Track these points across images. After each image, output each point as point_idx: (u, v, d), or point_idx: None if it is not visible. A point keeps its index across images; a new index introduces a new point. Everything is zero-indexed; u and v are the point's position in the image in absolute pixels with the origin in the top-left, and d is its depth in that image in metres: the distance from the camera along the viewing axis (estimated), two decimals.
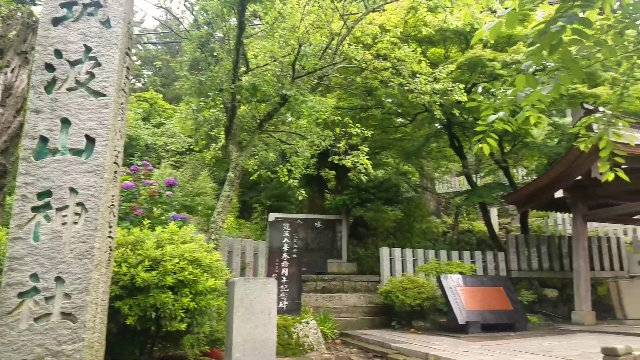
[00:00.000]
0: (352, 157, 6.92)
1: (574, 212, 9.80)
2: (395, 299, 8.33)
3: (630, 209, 9.44)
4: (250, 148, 6.70)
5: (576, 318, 9.30)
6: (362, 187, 12.00)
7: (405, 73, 7.16)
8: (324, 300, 8.95)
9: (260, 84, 6.20)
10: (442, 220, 17.78)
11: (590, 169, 8.78)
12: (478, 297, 8.27)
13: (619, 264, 12.17)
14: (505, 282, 8.93)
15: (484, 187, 12.52)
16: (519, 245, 11.53)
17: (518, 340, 7.09)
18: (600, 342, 6.75)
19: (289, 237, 6.98)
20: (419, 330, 8.21)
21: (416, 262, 10.24)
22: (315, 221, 12.55)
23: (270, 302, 5.30)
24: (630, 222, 11.71)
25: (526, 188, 10.22)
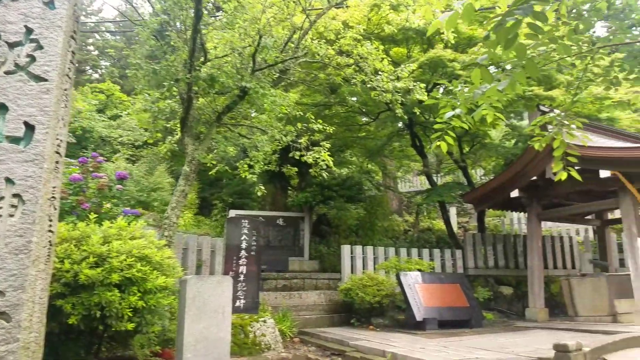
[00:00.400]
0: (313, 153, 6.83)
1: (529, 211, 10.05)
2: (355, 297, 8.30)
3: (581, 209, 9.79)
4: (208, 141, 6.50)
5: (530, 315, 9.54)
6: (325, 184, 11.95)
7: (368, 70, 7.13)
8: (283, 298, 8.83)
9: (219, 75, 6.01)
10: (403, 219, 17.99)
11: (545, 170, 9.02)
12: (436, 294, 8.36)
13: (571, 263, 12.61)
14: (462, 279, 9.07)
15: (443, 186, 12.70)
16: (476, 244, 11.75)
17: (473, 337, 7.19)
18: (553, 338, 6.93)
19: (248, 234, 6.82)
20: (377, 327, 8.22)
21: (377, 259, 10.27)
22: (277, 218, 12.40)
23: (225, 301, 5.14)
24: (582, 222, 12.16)
25: (483, 187, 10.42)
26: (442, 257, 11.26)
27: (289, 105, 6.83)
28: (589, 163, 8.28)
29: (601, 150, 8.07)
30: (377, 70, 7.34)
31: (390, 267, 9.23)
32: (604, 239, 11.36)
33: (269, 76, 6.62)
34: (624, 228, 8.36)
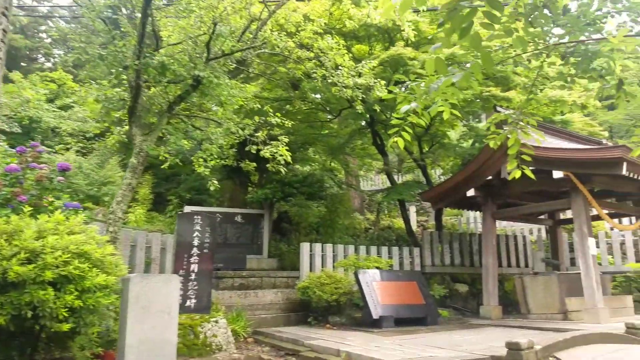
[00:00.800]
0: (271, 147, 6.63)
1: (484, 210, 10.21)
2: (312, 295, 8.17)
3: (535, 209, 10.03)
4: (157, 132, 6.19)
5: (484, 312, 9.69)
6: (285, 181, 11.77)
7: (329, 65, 7.00)
8: (238, 297, 8.59)
9: (170, 63, 5.73)
10: (365, 217, 18.05)
11: (500, 170, 9.18)
12: (393, 292, 8.34)
13: (524, 261, 12.95)
14: (418, 277, 9.10)
15: (403, 185, 12.77)
16: (433, 242, 11.87)
17: (429, 335, 7.20)
18: (506, 336, 7.00)
19: (201, 231, 6.56)
20: (334, 326, 8.12)
21: (336, 257, 10.18)
22: (235, 215, 12.11)
23: (172, 301, 4.88)
24: (535, 222, 12.49)
25: (441, 186, 10.51)
26: (400, 255, 11.30)
27: (247, 98, 6.60)
28: (542, 163, 8.46)
29: (554, 151, 8.27)
30: (338, 66, 7.23)
31: (349, 265, 9.15)
32: (556, 239, 11.71)
33: (225, 66, 6.37)
34: (575, 228, 8.60)
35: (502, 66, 9.79)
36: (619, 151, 7.40)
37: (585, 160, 7.92)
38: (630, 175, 7.65)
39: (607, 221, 8.82)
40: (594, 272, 8.10)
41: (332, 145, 12.61)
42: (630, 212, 10.05)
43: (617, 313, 8.61)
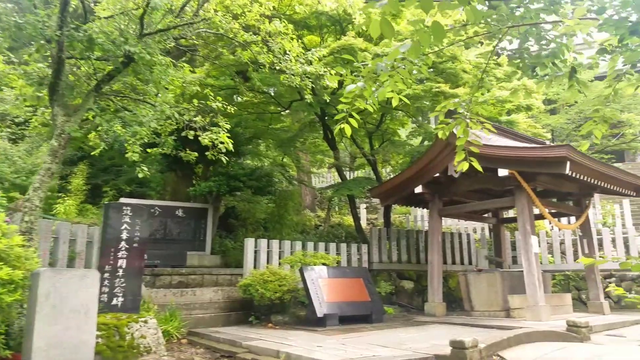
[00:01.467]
0: (210, 133, 6.16)
1: (431, 207, 10.18)
2: (254, 293, 7.78)
3: (480, 206, 10.09)
4: (82, 113, 5.58)
5: (428, 309, 9.65)
6: (232, 174, 11.27)
7: (275, 48, 6.62)
8: (174, 295, 8.06)
9: (98, 36, 5.16)
10: (315, 214, 17.82)
11: (448, 167, 9.14)
12: (338, 289, 8.09)
13: (468, 259, 13.10)
14: (365, 273, 8.91)
15: (353, 180, 12.60)
16: (381, 239, 11.76)
17: (373, 333, 6.99)
18: (450, 333, 6.92)
19: (130, 224, 6.00)
20: (277, 325, 7.76)
21: (283, 253, 9.82)
22: (176, 209, 11.46)
23: (90, 299, 4.37)
24: (480, 220, 12.65)
25: (390, 182, 10.38)
26: (348, 252, 11.11)
27: (185, 80, 6.10)
28: (488, 161, 8.48)
29: (500, 149, 8.29)
30: (286, 52, 6.86)
31: (295, 262, 8.82)
32: (499, 237, 11.90)
33: (161, 44, 5.86)
34: (519, 226, 8.68)
35: (452, 63, 9.81)
36: (563, 150, 7.49)
37: (531, 158, 7.98)
38: (573, 174, 7.78)
39: (550, 220, 8.98)
40: (536, 270, 8.19)
41: (282, 139, 12.22)
42: (570, 212, 10.34)
43: (557, 311, 8.78)
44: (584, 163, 7.83)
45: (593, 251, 9.90)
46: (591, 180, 8.27)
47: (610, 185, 8.84)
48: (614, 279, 11.13)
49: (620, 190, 9.21)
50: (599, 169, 8.22)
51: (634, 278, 10.94)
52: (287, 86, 7.57)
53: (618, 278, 11.10)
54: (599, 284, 9.68)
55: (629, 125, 19.42)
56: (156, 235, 11.04)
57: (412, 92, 8.88)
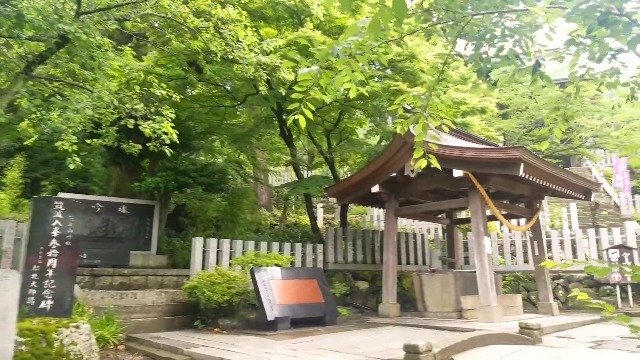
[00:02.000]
0: (152, 123, 5.70)
1: (387, 207, 10.06)
2: (200, 296, 7.34)
3: (435, 207, 10.07)
4: (8, 97, 5.01)
5: (382, 310, 9.51)
6: (180, 169, 10.72)
7: (228, 35, 6.23)
8: (112, 298, 7.51)
9: (29, 12, 4.62)
10: (272, 213, 17.46)
11: (404, 167, 9.04)
12: (291, 291, 7.79)
13: (422, 259, 13.12)
14: (319, 274, 8.65)
15: (310, 179, 12.31)
16: (337, 238, 11.56)
17: (326, 336, 6.74)
18: (404, 336, 6.78)
19: (62, 220, 5.45)
20: (225, 330, 7.36)
21: (234, 253, 9.42)
22: (119, 206, 10.78)
23: (8, 302, 3.87)
24: (434, 220, 12.68)
25: (347, 181, 10.18)
26: (303, 252, 10.84)
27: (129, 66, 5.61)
28: (444, 162, 8.41)
29: (456, 150, 8.25)
30: (239, 40, 6.49)
31: (247, 262, 8.44)
32: (452, 237, 11.96)
33: (101, 24, 5.35)
34: (472, 227, 8.68)
35: (411, 62, 9.72)
36: (518, 152, 7.51)
37: (485, 159, 7.97)
38: (526, 176, 7.82)
39: (502, 221, 9.04)
40: (488, 270, 8.20)
41: (237, 134, 11.77)
42: (521, 214, 10.49)
43: (508, 312, 8.84)
44: (537, 165, 7.90)
45: (543, 253, 10.08)
46: (543, 182, 8.37)
47: (560, 188, 9.00)
48: (562, 280, 11.41)
49: (570, 193, 9.41)
50: (551, 171, 8.33)
51: (580, 279, 11.25)
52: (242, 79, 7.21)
53: (566, 279, 11.39)
54: (549, 285, 9.86)
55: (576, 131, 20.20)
56: (97, 233, 10.35)
57: (370, 89, 8.70)
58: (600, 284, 11.01)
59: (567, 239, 12.00)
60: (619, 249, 10.64)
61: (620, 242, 11.21)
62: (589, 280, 11.17)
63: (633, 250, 10.66)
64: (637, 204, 16.89)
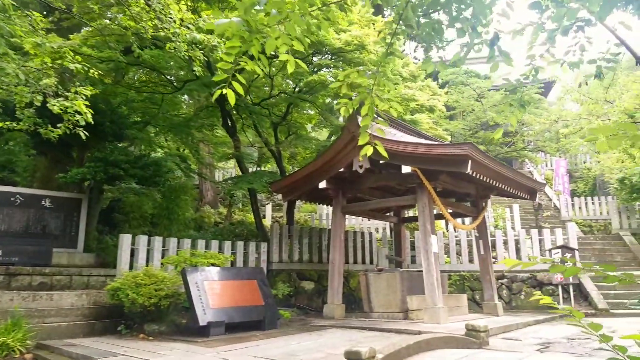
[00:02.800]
0: (64, 100, 4.96)
1: (335, 204, 9.66)
2: (124, 298, 6.61)
3: (383, 203, 9.74)
4: None
5: (327, 311, 9.10)
6: (110, 160, 9.82)
7: (157, 7, 5.57)
8: (24, 300, 6.64)
9: None
10: (217, 211, 16.73)
11: (353, 162, 8.67)
12: (227, 293, 7.19)
13: (369, 258, 12.84)
14: (260, 274, 8.09)
15: (254, 173, 11.71)
16: (282, 237, 11.05)
17: (263, 342, 6.21)
18: (347, 339, 6.37)
19: None
20: (151, 336, 6.66)
21: (167, 252, 8.72)
22: (42, 199, 9.77)
23: None
24: (382, 218, 12.42)
25: (293, 176, 9.69)
26: (245, 251, 10.25)
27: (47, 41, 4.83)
28: (392, 157, 8.12)
29: (404, 146, 7.95)
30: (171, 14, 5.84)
31: (179, 262, 7.74)
32: (400, 236, 11.74)
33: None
34: (420, 225, 8.42)
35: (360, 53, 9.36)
36: (466, 148, 7.30)
37: (434, 155, 7.72)
38: (474, 174, 7.63)
39: (449, 220, 8.86)
40: (435, 270, 7.97)
41: (174, 123, 10.97)
42: (467, 213, 10.38)
43: (454, 312, 8.67)
44: (484, 162, 7.73)
45: (488, 252, 10.02)
46: (489, 180, 8.23)
47: (506, 187, 8.92)
48: (506, 280, 11.45)
49: (516, 192, 9.36)
50: (498, 169, 8.21)
51: (524, 279, 11.33)
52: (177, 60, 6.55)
53: (509, 279, 11.44)
54: (494, 285, 9.79)
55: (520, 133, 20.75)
56: (16, 228, 9.34)
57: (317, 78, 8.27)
58: (543, 284, 11.13)
59: (511, 239, 12.09)
60: (562, 250, 10.79)
61: (562, 242, 11.39)
62: (532, 280, 11.27)
63: (575, 251, 10.83)
64: (575, 207, 17.46)
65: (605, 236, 14.94)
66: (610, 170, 15.67)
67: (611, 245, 14.28)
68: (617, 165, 15.34)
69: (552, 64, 2.92)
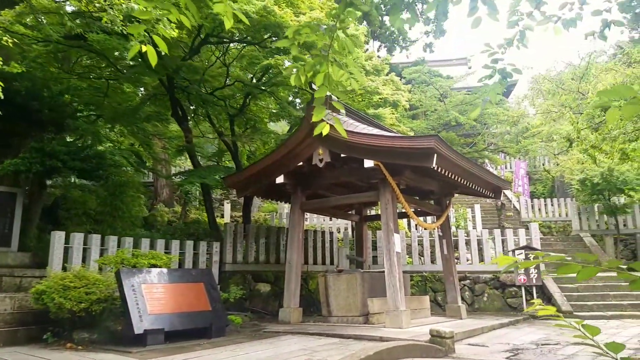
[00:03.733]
0: None
1: (293, 200, 9.07)
2: (49, 303, 5.79)
3: (344, 200, 9.15)
4: None
5: (283, 316, 8.48)
6: (48, 150, 8.88)
7: None
8: None
9: None
10: (172, 210, 15.84)
11: (312, 155, 8.11)
12: (169, 297, 6.46)
13: (330, 258, 12.30)
14: (208, 276, 7.38)
15: (207, 168, 10.95)
16: (237, 236, 10.36)
17: (207, 352, 5.53)
18: (302, 347, 5.78)
19: None
20: (80, 345, 5.86)
21: (106, 252, 7.89)
22: None
23: None
24: (344, 217, 11.92)
25: (248, 169, 9.02)
26: (196, 251, 9.50)
27: None
28: (354, 150, 7.62)
29: (367, 138, 7.44)
30: None
31: (116, 262, 6.95)
32: (361, 235, 11.27)
33: None
34: (382, 223, 7.94)
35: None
36: (432, 140, 6.85)
37: (398, 148, 7.24)
38: (439, 169, 7.21)
39: (413, 218, 8.41)
40: (397, 270, 7.49)
41: (119, 111, 10.06)
42: (431, 212, 9.99)
43: (417, 314, 8.24)
44: (450, 157, 7.31)
45: (452, 252, 9.66)
46: (455, 177, 7.81)
47: (471, 184, 8.55)
48: (468, 282, 11.16)
49: (480, 190, 9.03)
50: (463, 165, 7.80)
51: (487, 281, 11.07)
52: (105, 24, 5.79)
53: (472, 280, 11.16)
54: (457, 286, 9.44)
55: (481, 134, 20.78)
56: None
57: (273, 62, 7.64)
58: (506, 286, 10.90)
59: (474, 239, 11.83)
60: (525, 250, 10.57)
61: (525, 243, 11.21)
62: (495, 281, 11.03)
63: (538, 252, 10.64)
64: (535, 208, 17.52)
65: (566, 237, 14.99)
66: (572, 171, 15.75)
67: (572, 246, 14.32)
68: (577, 166, 15.42)
69: (542, 23, 2.43)
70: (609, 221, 14.79)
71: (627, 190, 13.58)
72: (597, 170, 13.53)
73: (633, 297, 10.30)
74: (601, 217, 14.90)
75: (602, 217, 14.87)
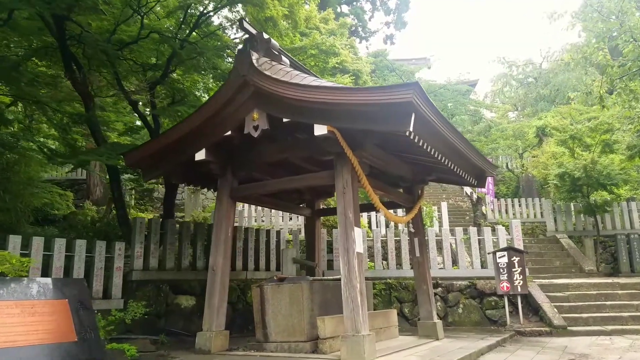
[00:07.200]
0: None
1: (220, 185, 6.80)
2: None
3: (287, 184, 6.81)
4: None
5: (201, 342, 6.18)
6: None
7: None
8: None
9: None
10: (102, 208, 13.35)
11: (245, 121, 5.91)
12: (7, 322, 4.06)
13: (275, 263, 10.07)
14: (78, 290, 4.95)
15: (112, 144, 8.48)
16: (152, 235, 7.97)
17: None
18: None
19: None
20: None
21: None
22: None
23: None
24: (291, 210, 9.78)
25: (156, 141, 6.67)
26: (90, 254, 7.04)
27: None
28: (300, 113, 5.47)
29: (317, 92, 5.27)
30: None
31: None
32: (314, 234, 9.14)
33: None
34: (339, 213, 5.79)
35: None
36: (410, 91, 4.75)
37: (360, 104, 5.11)
38: (416, 139, 5.16)
39: (379, 207, 6.29)
40: (358, 277, 5.37)
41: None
42: (400, 202, 7.92)
43: (382, 335, 6.17)
44: (432, 120, 5.23)
45: (426, 254, 7.68)
46: (434, 152, 5.76)
47: (453, 165, 6.50)
48: (440, 290, 9.22)
49: (463, 175, 7.00)
50: (447, 135, 5.72)
51: (462, 289, 9.19)
52: None
53: (445, 288, 9.24)
54: (432, 297, 7.41)
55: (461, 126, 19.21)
56: None
57: None
58: (484, 294, 9.07)
59: (446, 238, 9.95)
60: (508, 252, 8.76)
61: (506, 244, 9.43)
62: (472, 289, 9.18)
63: (523, 254, 8.84)
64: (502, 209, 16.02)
65: (542, 239, 13.44)
66: (546, 166, 14.26)
67: (548, 248, 12.78)
68: (552, 161, 13.95)
69: None
70: (587, 221, 13.37)
71: (609, 186, 12.16)
72: (580, 164, 12.03)
73: (633, 307, 8.69)
74: (578, 217, 13.46)
75: (579, 217, 13.44)
